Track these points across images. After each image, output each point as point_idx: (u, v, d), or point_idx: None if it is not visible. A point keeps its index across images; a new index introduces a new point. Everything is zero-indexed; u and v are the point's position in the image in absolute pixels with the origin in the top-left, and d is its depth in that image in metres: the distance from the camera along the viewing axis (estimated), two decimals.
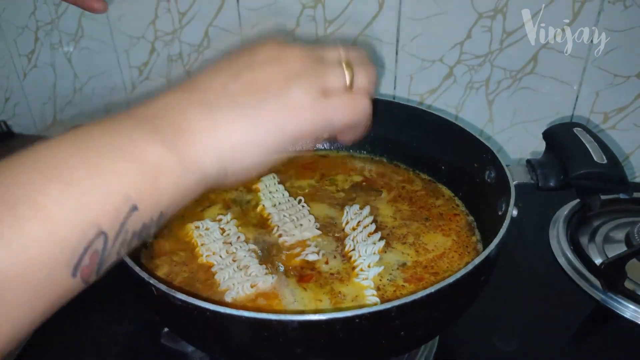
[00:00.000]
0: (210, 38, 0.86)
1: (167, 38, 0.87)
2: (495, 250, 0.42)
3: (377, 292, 0.48)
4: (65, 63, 0.95)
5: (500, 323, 0.61)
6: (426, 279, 0.50)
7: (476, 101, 0.83)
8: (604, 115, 0.81)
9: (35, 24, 0.92)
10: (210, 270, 0.51)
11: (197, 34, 0.86)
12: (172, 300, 0.38)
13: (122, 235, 0.26)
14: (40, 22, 0.91)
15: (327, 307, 0.47)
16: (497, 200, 0.51)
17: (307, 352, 0.40)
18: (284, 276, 0.50)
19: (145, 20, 0.86)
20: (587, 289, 0.64)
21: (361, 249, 0.52)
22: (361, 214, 0.57)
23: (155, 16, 0.86)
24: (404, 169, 0.67)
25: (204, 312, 0.37)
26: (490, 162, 0.54)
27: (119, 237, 0.26)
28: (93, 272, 0.26)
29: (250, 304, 0.47)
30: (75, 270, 0.25)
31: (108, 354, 0.57)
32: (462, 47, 0.79)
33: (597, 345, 0.60)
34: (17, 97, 1.02)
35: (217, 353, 0.49)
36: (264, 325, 0.37)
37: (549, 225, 0.74)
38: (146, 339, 0.58)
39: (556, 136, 0.51)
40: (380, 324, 0.38)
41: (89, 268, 0.25)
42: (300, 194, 0.62)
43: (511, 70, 0.80)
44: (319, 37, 0.82)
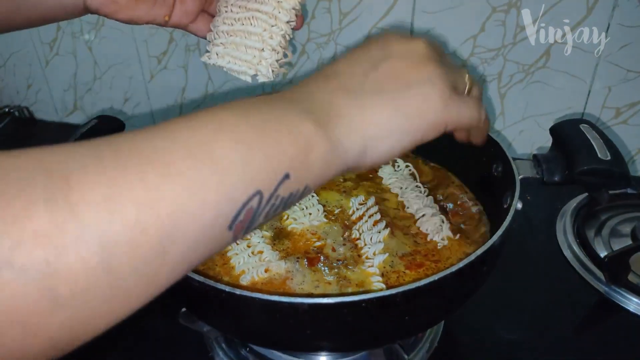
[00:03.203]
0: None
1: None
2: (498, 242, 0.44)
3: (382, 278, 0.50)
4: (86, 51, 0.97)
5: (504, 312, 0.63)
6: (427, 265, 0.52)
7: (488, 94, 0.84)
8: (616, 110, 0.81)
9: None
10: (227, 255, 0.53)
11: None
12: (190, 282, 0.40)
13: (273, 199, 0.28)
14: None
15: (335, 291, 0.49)
16: (503, 193, 0.52)
17: (316, 334, 0.42)
18: (294, 260, 0.52)
19: None
20: (592, 282, 0.65)
21: (366, 237, 0.54)
22: (366, 204, 0.59)
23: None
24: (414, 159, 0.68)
25: (219, 294, 0.39)
26: (497, 156, 0.55)
27: (271, 201, 0.27)
28: (243, 229, 0.27)
29: (263, 286, 0.50)
30: (232, 224, 0.26)
31: (128, 332, 0.61)
32: (475, 40, 0.80)
33: (600, 338, 0.61)
34: (39, 84, 1.05)
35: (231, 333, 0.52)
36: (276, 307, 0.39)
37: (557, 217, 0.75)
38: (164, 318, 0.61)
39: (562, 132, 0.52)
40: (386, 308, 0.40)
41: (242, 224, 0.27)
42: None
43: (524, 64, 0.80)
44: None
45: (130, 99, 1.01)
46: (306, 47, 0.86)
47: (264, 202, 0.27)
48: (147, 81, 0.98)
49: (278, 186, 0.27)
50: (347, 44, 0.85)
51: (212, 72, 0.93)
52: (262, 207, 0.27)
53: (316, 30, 0.84)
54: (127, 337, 0.60)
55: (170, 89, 0.97)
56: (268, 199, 0.27)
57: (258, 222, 0.28)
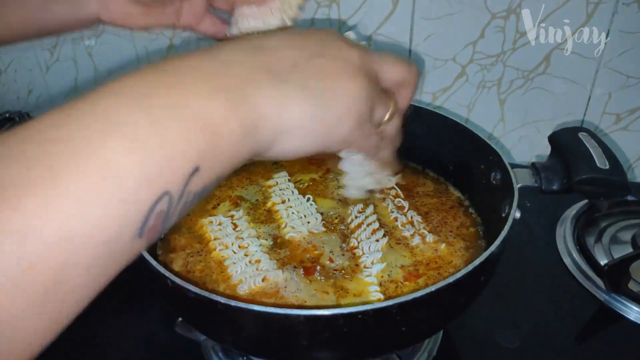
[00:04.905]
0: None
1: (185, 34, 0.89)
2: (496, 252, 0.44)
3: (379, 287, 0.50)
4: (86, 57, 0.97)
5: (503, 320, 0.62)
6: (428, 274, 0.52)
7: (488, 100, 0.84)
8: (616, 116, 0.81)
9: None
10: (224, 264, 0.53)
11: None
12: (186, 293, 0.40)
13: (184, 197, 0.25)
14: None
15: (332, 301, 0.49)
16: (501, 202, 0.52)
17: (312, 345, 0.42)
18: (292, 270, 0.52)
19: None
20: (592, 290, 0.65)
21: (364, 246, 0.54)
22: (364, 213, 0.59)
23: None
24: (413, 168, 0.68)
25: (216, 305, 0.39)
26: (496, 165, 0.55)
27: (182, 198, 0.25)
28: (157, 233, 0.25)
29: (260, 297, 0.49)
30: (142, 231, 0.24)
31: (124, 341, 0.60)
32: (474, 46, 0.80)
33: (600, 346, 0.60)
34: (39, 90, 1.05)
35: (228, 343, 0.51)
36: (272, 319, 0.39)
37: (556, 224, 0.75)
38: (161, 327, 0.61)
39: (561, 140, 0.52)
40: (382, 319, 0.40)
41: (154, 228, 0.25)
42: (298, 187, 0.64)
43: (523, 70, 0.80)
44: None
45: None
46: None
47: (175, 202, 0.25)
48: None
49: (187, 182, 0.25)
50: None
51: None
52: (173, 207, 0.25)
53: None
54: (124, 346, 0.60)
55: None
56: (179, 197, 0.25)
57: (172, 222, 0.26)
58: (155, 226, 0.25)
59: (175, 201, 0.25)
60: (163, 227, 0.25)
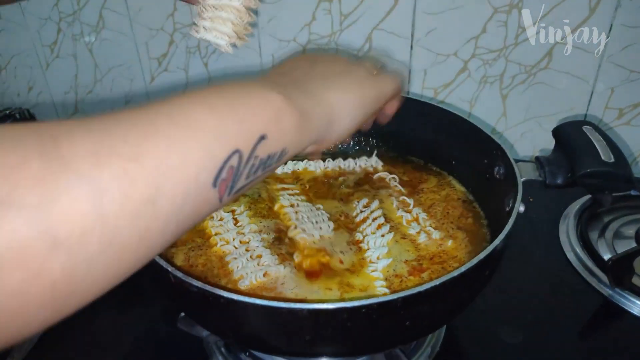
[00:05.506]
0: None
1: (186, 30, 0.89)
2: (500, 246, 0.43)
3: (385, 282, 0.49)
4: (86, 54, 0.97)
5: (506, 315, 0.62)
6: (432, 269, 0.51)
7: (490, 96, 0.84)
8: (619, 111, 0.81)
9: (58, 16, 0.94)
10: (225, 259, 0.53)
11: None
12: (188, 288, 0.40)
13: (252, 160, 0.30)
14: (62, 13, 0.94)
15: (337, 296, 0.48)
16: (505, 196, 0.52)
17: (315, 339, 0.42)
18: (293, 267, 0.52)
19: (164, 12, 0.88)
20: (595, 285, 0.65)
21: (370, 240, 0.53)
22: (370, 207, 0.58)
23: (174, 9, 0.87)
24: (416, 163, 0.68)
25: (218, 299, 0.39)
26: (499, 159, 0.55)
27: (250, 161, 0.30)
28: (228, 189, 0.29)
29: (261, 291, 0.49)
30: (216, 181, 0.28)
31: (126, 338, 0.60)
32: (477, 41, 0.79)
33: (604, 341, 0.60)
34: (40, 87, 1.05)
35: (230, 338, 0.51)
36: (275, 313, 0.38)
37: (560, 219, 0.75)
38: (163, 323, 0.61)
39: (565, 134, 0.51)
40: (386, 313, 0.39)
41: (225, 182, 0.29)
42: (297, 188, 0.63)
43: (526, 65, 0.80)
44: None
45: (131, 101, 1.01)
46: (307, 48, 0.86)
47: (244, 161, 0.30)
48: (147, 83, 0.97)
49: (255, 146, 0.30)
50: (347, 45, 0.84)
51: (213, 73, 0.92)
52: (242, 166, 0.30)
53: (317, 31, 0.84)
54: (126, 342, 0.60)
55: (171, 90, 0.97)
56: (247, 158, 0.30)
57: (241, 184, 0.30)
58: (227, 180, 0.29)
59: (245, 161, 0.30)
60: (233, 185, 0.29)
